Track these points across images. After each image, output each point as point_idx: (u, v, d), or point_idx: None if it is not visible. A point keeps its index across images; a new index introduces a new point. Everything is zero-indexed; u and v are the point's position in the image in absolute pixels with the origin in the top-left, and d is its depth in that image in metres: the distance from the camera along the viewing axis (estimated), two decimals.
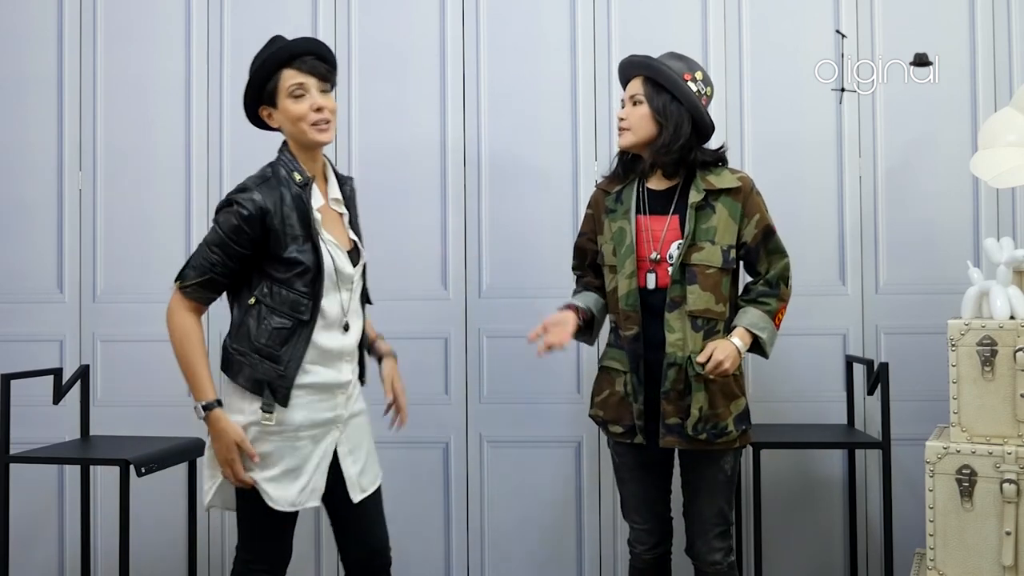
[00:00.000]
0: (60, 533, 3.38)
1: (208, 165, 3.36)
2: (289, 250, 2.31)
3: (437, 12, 3.35)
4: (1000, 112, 2.89)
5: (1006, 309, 2.57)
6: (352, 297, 2.44)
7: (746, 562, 3.14)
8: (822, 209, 3.26)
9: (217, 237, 2.31)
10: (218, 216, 2.34)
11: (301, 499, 2.36)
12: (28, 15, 3.43)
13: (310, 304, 2.33)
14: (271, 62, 2.35)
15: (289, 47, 2.37)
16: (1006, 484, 2.49)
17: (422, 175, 3.34)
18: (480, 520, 3.31)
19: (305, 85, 2.34)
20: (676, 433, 2.45)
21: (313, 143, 2.37)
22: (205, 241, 2.34)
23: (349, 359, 2.44)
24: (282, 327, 2.32)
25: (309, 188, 2.36)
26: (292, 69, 2.34)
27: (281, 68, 2.34)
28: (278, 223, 2.30)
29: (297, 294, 2.32)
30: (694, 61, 2.56)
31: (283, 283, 2.32)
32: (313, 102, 2.33)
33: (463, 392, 3.31)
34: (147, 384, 3.35)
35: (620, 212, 2.55)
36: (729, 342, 2.44)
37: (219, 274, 2.32)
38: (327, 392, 2.40)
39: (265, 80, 2.35)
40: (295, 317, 2.33)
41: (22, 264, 3.40)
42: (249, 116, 2.45)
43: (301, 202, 2.34)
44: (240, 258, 2.32)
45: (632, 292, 2.48)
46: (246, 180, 2.36)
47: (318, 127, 2.34)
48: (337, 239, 2.41)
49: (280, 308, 2.33)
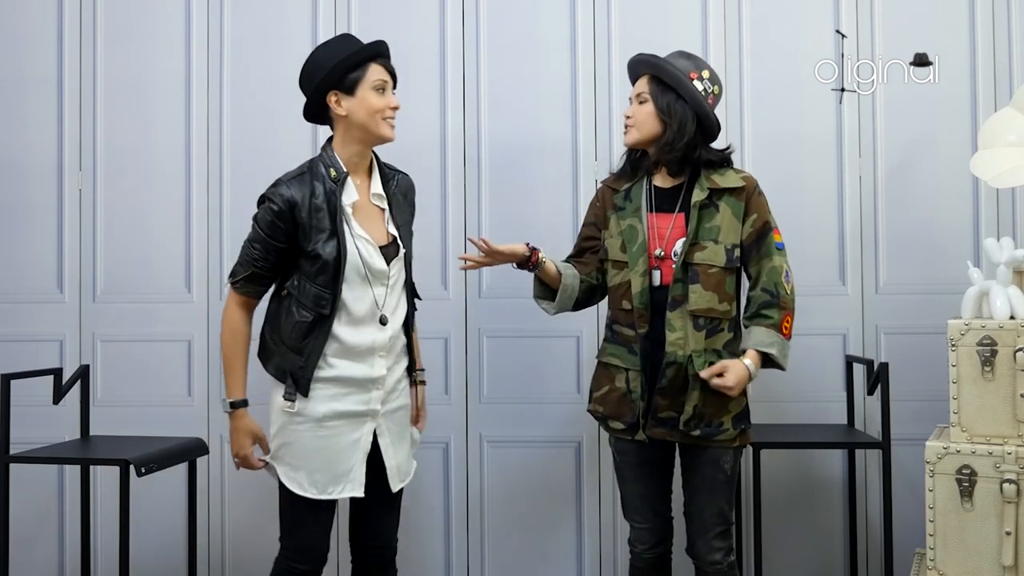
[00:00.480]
0: (60, 533, 3.38)
1: (208, 165, 3.35)
2: (313, 244, 2.40)
3: (437, 12, 3.35)
4: (1000, 112, 2.89)
5: (1006, 309, 2.57)
6: (389, 292, 2.49)
7: (746, 562, 3.14)
8: (822, 209, 3.26)
9: (255, 233, 2.45)
10: (256, 213, 2.46)
11: (334, 489, 2.45)
12: (28, 15, 3.42)
13: (331, 299, 2.42)
14: (366, 52, 2.47)
15: (377, 45, 2.50)
16: (1006, 484, 2.49)
17: (422, 175, 3.31)
18: (480, 520, 3.31)
19: (387, 83, 2.49)
20: (667, 426, 2.46)
21: (383, 137, 2.49)
22: (248, 238, 2.47)
23: (384, 354, 2.49)
24: (304, 320, 2.42)
25: (343, 183, 2.45)
26: (380, 65, 2.48)
27: (371, 61, 2.47)
28: (305, 216, 2.40)
29: (319, 288, 2.42)
30: (702, 60, 2.57)
31: (309, 277, 2.42)
32: (391, 100, 2.49)
33: (463, 392, 3.31)
34: (147, 384, 3.35)
35: (630, 210, 2.56)
36: (741, 364, 2.44)
37: (261, 268, 2.45)
38: (356, 386, 2.46)
39: (351, 68, 2.45)
40: (317, 311, 2.42)
41: (22, 264, 3.40)
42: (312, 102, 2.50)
43: (334, 196, 2.43)
44: (277, 251, 2.44)
45: (645, 290, 2.49)
46: (282, 175, 2.48)
47: (389, 123, 2.48)
48: (372, 234, 2.48)
49: (304, 301, 2.43)
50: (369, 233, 2.47)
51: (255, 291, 2.49)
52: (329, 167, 2.46)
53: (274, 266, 2.46)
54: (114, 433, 3.21)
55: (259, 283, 2.48)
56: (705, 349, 2.46)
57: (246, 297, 2.49)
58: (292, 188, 2.42)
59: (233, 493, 3.32)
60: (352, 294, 2.43)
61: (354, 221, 2.45)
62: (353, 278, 2.43)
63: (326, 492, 2.44)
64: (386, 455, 2.51)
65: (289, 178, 2.45)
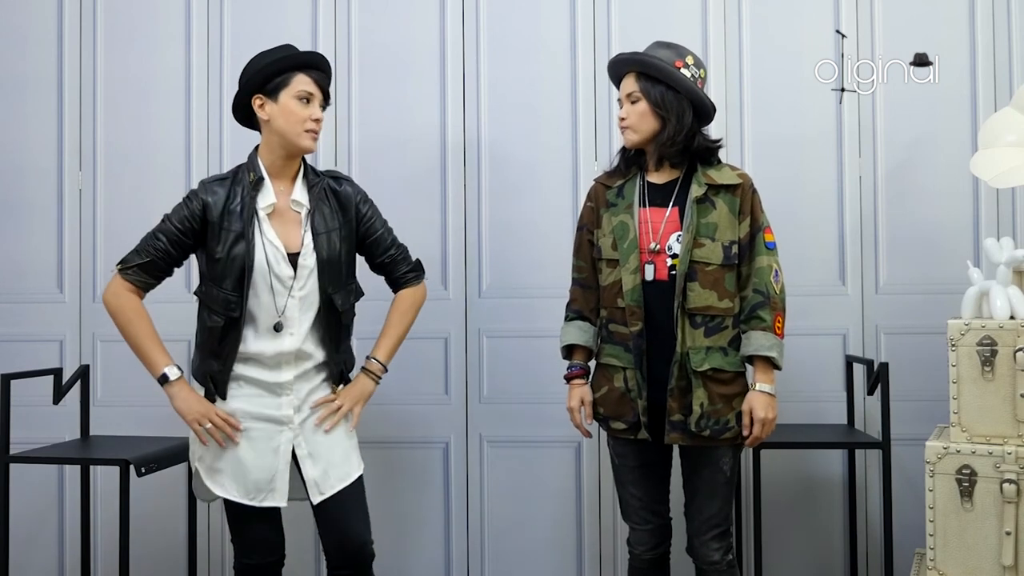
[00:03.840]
0: (60, 533, 3.38)
1: (208, 165, 3.36)
2: (220, 247, 2.42)
3: (437, 12, 3.35)
4: (1000, 112, 2.89)
5: (1006, 309, 2.57)
6: (292, 300, 2.46)
7: (746, 562, 3.14)
8: (822, 209, 3.25)
9: (165, 225, 2.47)
10: (174, 207, 2.49)
11: (256, 496, 2.45)
12: (28, 15, 3.43)
13: (239, 301, 2.42)
14: (290, 61, 2.48)
15: (308, 56, 2.53)
16: (1006, 484, 2.49)
17: (422, 175, 3.34)
18: (480, 520, 3.31)
19: (313, 96, 2.49)
20: (680, 430, 2.46)
21: (301, 148, 2.49)
22: (153, 229, 2.49)
23: (288, 363, 2.48)
24: (216, 325, 2.45)
25: (260, 185, 2.47)
26: (306, 76, 2.48)
27: (296, 70, 2.48)
28: (216, 217, 2.43)
29: (227, 292, 2.43)
30: (682, 47, 2.55)
31: (215, 281, 2.44)
32: (314, 112, 2.48)
33: (463, 392, 3.31)
34: (147, 384, 3.31)
35: (622, 206, 2.55)
36: (757, 393, 2.45)
37: (160, 258, 2.46)
38: (266, 389, 2.48)
39: (276, 74, 2.47)
40: (227, 315, 2.43)
41: (22, 264, 3.40)
42: (237, 104, 2.55)
43: (250, 200, 2.45)
44: (182, 247, 2.46)
45: (637, 287, 2.48)
46: (209, 176, 2.55)
47: (311, 134, 2.48)
48: (284, 240, 2.46)
49: (214, 307, 2.45)
50: (281, 238, 2.46)
51: (144, 282, 2.47)
52: (250, 171, 2.48)
53: (172, 261, 2.47)
54: (114, 433, 3.21)
55: (151, 274, 2.47)
56: (707, 347, 2.46)
57: (134, 284, 2.46)
58: (211, 190, 2.46)
59: None
60: (256, 300, 2.44)
61: (267, 225, 2.45)
62: (259, 283, 2.43)
63: (249, 498, 2.45)
64: (304, 467, 2.49)
65: (212, 180, 2.51)
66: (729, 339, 2.49)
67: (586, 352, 2.65)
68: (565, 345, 2.66)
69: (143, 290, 2.49)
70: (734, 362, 2.49)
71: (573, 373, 2.63)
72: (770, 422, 2.45)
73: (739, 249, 2.50)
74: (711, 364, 2.46)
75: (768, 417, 2.44)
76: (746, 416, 2.44)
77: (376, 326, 2.69)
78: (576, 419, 2.61)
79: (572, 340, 2.64)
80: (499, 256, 3.32)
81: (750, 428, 2.44)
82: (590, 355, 2.66)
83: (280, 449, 2.47)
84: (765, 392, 2.44)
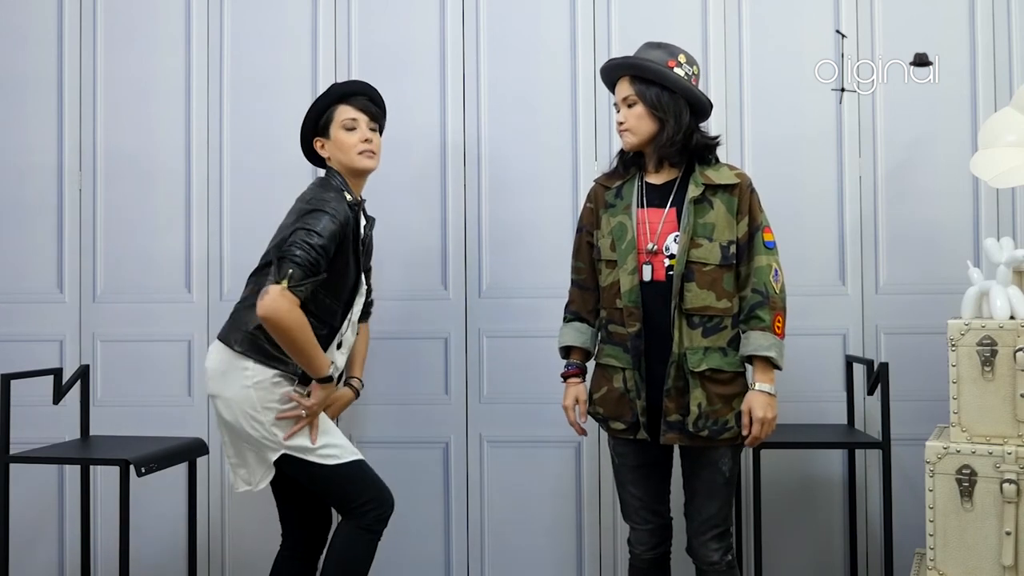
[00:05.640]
0: (60, 533, 3.38)
1: (208, 165, 3.36)
2: (345, 255, 2.55)
3: (437, 12, 3.35)
4: (1000, 112, 2.89)
5: (1006, 309, 2.57)
6: (349, 323, 2.68)
7: (746, 562, 3.14)
8: (822, 209, 3.25)
9: (320, 239, 2.46)
10: (308, 220, 2.48)
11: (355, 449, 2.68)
12: (28, 15, 3.43)
13: (341, 313, 2.59)
14: (328, 97, 2.68)
15: (345, 86, 2.72)
16: (1006, 484, 2.49)
17: (422, 175, 3.34)
18: (480, 520, 3.31)
19: (357, 120, 2.66)
20: (677, 430, 2.46)
21: (361, 168, 2.66)
22: (307, 244, 2.45)
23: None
24: (318, 331, 2.53)
25: (359, 209, 2.63)
26: (347, 105, 2.66)
27: (337, 103, 2.67)
28: (344, 232, 2.54)
29: (336, 302, 2.57)
30: (673, 46, 2.55)
31: (328, 289, 2.54)
32: (363, 134, 2.65)
33: (463, 392, 3.31)
34: (147, 384, 3.35)
35: (620, 207, 2.55)
36: (757, 393, 2.44)
37: (318, 274, 2.48)
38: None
39: (321, 112, 2.67)
40: (328, 322, 2.57)
41: (22, 264, 3.40)
42: (305, 150, 2.74)
43: (353, 221, 2.58)
44: (329, 260, 2.52)
45: (634, 288, 2.48)
46: (316, 190, 2.60)
47: (365, 155, 2.65)
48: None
49: (318, 312, 2.54)
50: None
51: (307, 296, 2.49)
52: (344, 191, 2.61)
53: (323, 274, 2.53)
54: (114, 433, 3.21)
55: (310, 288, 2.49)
56: (705, 348, 2.46)
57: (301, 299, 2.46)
58: (342, 204, 2.56)
59: (233, 493, 3.31)
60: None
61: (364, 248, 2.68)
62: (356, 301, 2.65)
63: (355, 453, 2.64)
64: None
65: (333, 195, 2.57)
66: (728, 339, 2.49)
67: (583, 353, 2.66)
68: (563, 346, 2.67)
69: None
70: (733, 362, 2.49)
71: (569, 372, 2.65)
72: (770, 422, 2.45)
73: (737, 249, 2.50)
74: (709, 364, 2.46)
75: (767, 417, 2.44)
76: (745, 416, 2.44)
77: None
78: (571, 417, 2.62)
79: (569, 341, 2.65)
80: (499, 256, 3.32)
81: (749, 428, 2.44)
82: (587, 356, 2.67)
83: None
84: (764, 392, 2.44)
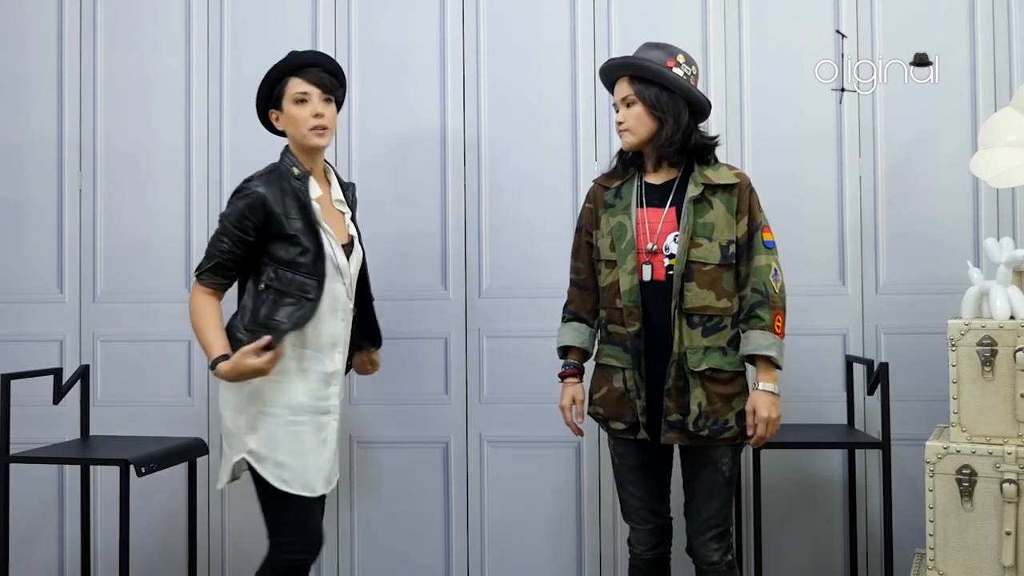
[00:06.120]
0: (60, 533, 3.38)
1: (208, 165, 3.36)
2: (292, 229, 2.47)
3: (437, 12, 3.35)
4: (1000, 112, 2.89)
5: (1006, 309, 2.57)
6: (348, 290, 2.59)
7: (746, 562, 3.14)
8: (822, 209, 3.25)
9: (223, 226, 2.49)
10: (227, 207, 2.52)
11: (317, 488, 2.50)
12: (28, 15, 3.43)
13: (315, 285, 2.48)
14: (280, 69, 2.58)
15: (297, 57, 2.60)
16: (1006, 484, 2.49)
17: (422, 175, 3.34)
18: (480, 520, 3.31)
19: (308, 93, 2.55)
20: (677, 430, 2.46)
21: (311, 146, 2.56)
22: (215, 232, 2.52)
23: (342, 349, 2.59)
24: (290, 305, 2.47)
25: (307, 180, 2.54)
26: (298, 78, 2.55)
27: (289, 75, 2.56)
28: (279, 209, 2.47)
29: (303, 276, 2.48)
30: (672, 46, 2.55)
31: (288, 266, 2.48)
32: (314, 109, 2.54)
33: (463, 392, 3.31)
34: (147, 384, 3.35)
35: (620, 207, 2.55)
36: (760, 392, 2.44)
37: (226, 260, 2.50)
38: (321, 380, 2.54)
39: (274, 84, 2.57)
40: (303, 296, 2.48)
41: (22, 264, 3.40)
42: (261, 119, 2.66)
43: (300, 194, 2.51)
44: (245, 244, 2.48)
45: (634, 288, 2.48)
46: (252, 174, 2.55)
47: (316, 131, 2.54)
48: (335, 232, 2.57)
49: (288, 290, 2.48)
50: (333, 230, 2.56)
51: (218, 283, 2.52)
52: (291, 166, 2.55)
53: (239, 259, 2.50)
54: (114, 433, 3.21)
55: (223, 275, 2.51)
56: (706, 347, 2.46)
57: (211, 288, 2.51)
58: (264, 183, 2.50)
59: (233, 492, 3.30)
60: (331, 284, 2.52)
61: (320, 216, 2.53)
62: (329, 269, 2.51)
63: (310, 490, 2.49)
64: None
65: (259, 175, 2.54)
66: (728, 339, 2.49)
67: (581, 353, 2.66)
68: (561, 346, 2.67)
69: (218, 290, 2.53)
70: (733, 362, 2.49)
71: (567, 372, 2.65)
72: (774, 421, 2.45)
73: (737, 249, 2.50)
74: (709, 364, 2.46)
75: (772, 416, 2.44)
76: (750, 416, 2.44)
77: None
78: (567, 417, 2.63)
79: (567, 341, 2.65)
80: (499, 256, 3.32)
81: (754, 428, 2.44)
82: (585, 356, 2.67)
83: (328, 440, 2.56)
84: (768, 391, 2.44)
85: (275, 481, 2.45)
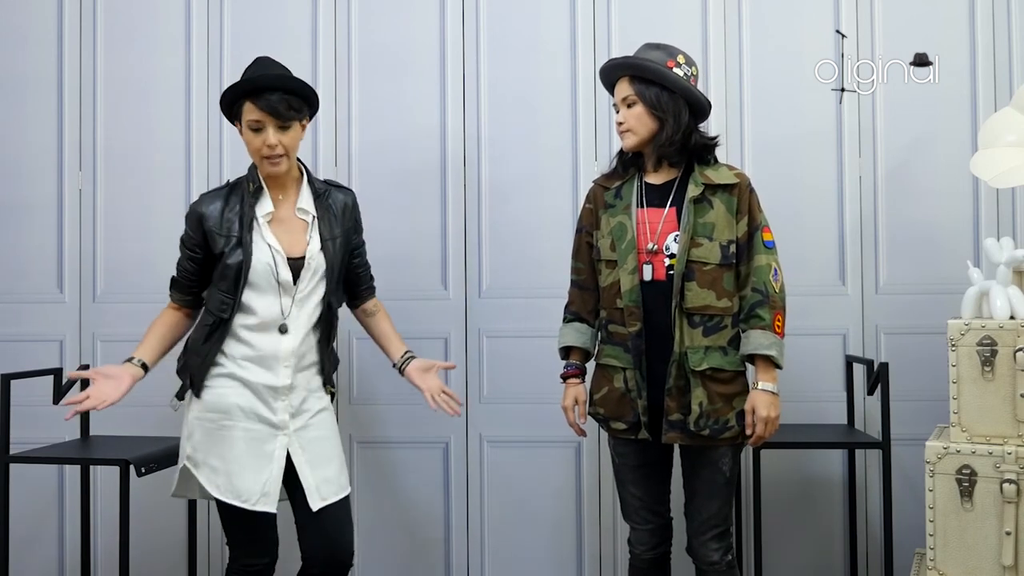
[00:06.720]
0: (60, 533, 3.38)
1: (208, 165, 3.36)
2: (219, 248, 2.48)
3: (437, 12, 3.35)
4: (1000, 112, 2.89)
5: (1006, 309, 2.57)
6: (295, 303, 2.51)
7: (746, 562, 3.14)
8: (822, 209, 3.25)
9: (180, 243, 2.58)
10: None
11: (248, 500, 2.45)
12: (28, 15, 3.43)
13: (231, 303, 2.48)
14: (233, 91, 2.47)
15: (253, 81, 2.46)
16: (1006, 484, 2.49)
17: (422, 175, 3.34)
18: (480, 520, 3.31)
19: (261, 122, 2.44)
20: (678, 429, 2.46)
21: (265, 174, 2.51)
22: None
23: (287, 364, 2.51)
24: (206, 324, 2.52)
25: (260, 194, 2.51)
26: (252, 104, 2.44)
27: (244, 99, 2.45)
28: (214, 226, 2.49)
29: (222, 294, 2.49)
30: (672, 46, 2.56)
31: (215, 284, 2.51)
32: (266, 139, 2.44)
33: (463, 392, 3.31)
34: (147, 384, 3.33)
35: (620, 207, 2.56)
36: (759, 392, 2.44)
37: (181, 276, 2.58)
38: (261, 392, 2.49)
39: (230, 105, 2.50)
40: (218, 315, 2.49)
41: (22, 264, 3.40)
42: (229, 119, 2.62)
43: (249, 208, 2.50)
44: (195, 261, 2.55)
45: (635, 288, 2.48)
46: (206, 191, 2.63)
47: (270, 161, 2.47)
48: (284, 245, 2.50)
49: (210, 307, 2.53)
50: (282, 244, 2.50)
51: (181, 299, 2.60)
52: (250, 181, 2.53)
53: (193, 275, 2.56)
54: (114, 433, 3.21)
55: (182, 291, 2.59)
56: (706, 347, 2.46)
57: (176, 303, 2.60)
58: (204, 202, 2.52)
59: None
60: (261, 300, 2.48)
61: (267, 231, 2.49)
62: (262, 284, 2.48)
63: (241, 500, 2.45)
64: (302, 473, 2.49)
65: (208, 193, 2.57)
66: (729, 338, 2.49)
67: (583, 353, 2.66)
68: (562, 347, 2.67)
69: (182, 305, 2.61)
70: (734, 361, 2.49)
71: (568, 372, 2.65)
72: (773, 421, 2.45)
73: (737, 248, 2.51)
74: (710, 363, 2.46)
75: (771, 416, 2.44)
76: (749, 415, 2.44)
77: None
78: (570, 418, 2.63)
79: (569, 342, 2.65)
80: (499, 256, 3.32)
81: (753, 427, 2.44)
82: (587, 356, 2.67)
83: (275, 455, 2.48)
84: (767, 391, 2.44)
85: (209, 486, 2.47)
